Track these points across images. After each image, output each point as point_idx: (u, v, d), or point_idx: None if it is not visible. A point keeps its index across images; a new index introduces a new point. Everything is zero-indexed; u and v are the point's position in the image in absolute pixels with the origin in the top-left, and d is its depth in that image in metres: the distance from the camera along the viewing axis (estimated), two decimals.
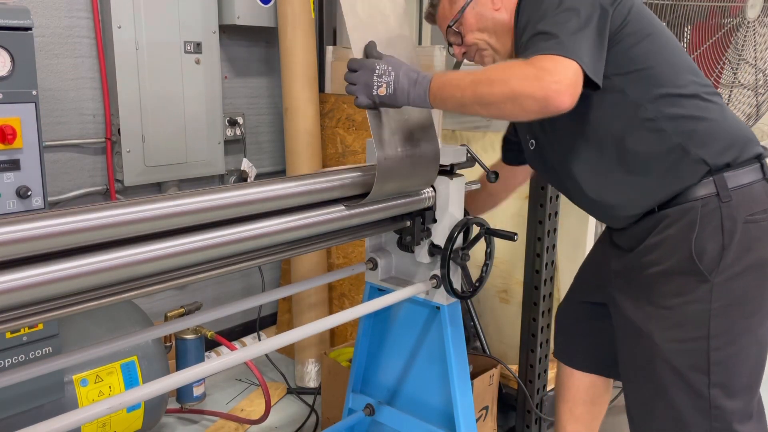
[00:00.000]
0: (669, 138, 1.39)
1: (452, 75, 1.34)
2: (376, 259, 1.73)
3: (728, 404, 1.41)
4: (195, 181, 2.92)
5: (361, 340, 1.90)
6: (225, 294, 3.22)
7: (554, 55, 1.23)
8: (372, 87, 1.36)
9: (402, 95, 1.36)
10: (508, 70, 1.25)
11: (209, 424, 2.63)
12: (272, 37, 3.14)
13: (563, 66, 1.22)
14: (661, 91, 1.39)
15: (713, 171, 1.38)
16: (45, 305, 1.02)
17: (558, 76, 1.20)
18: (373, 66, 1.37)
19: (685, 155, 1.39)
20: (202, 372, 1.24)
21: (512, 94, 1.23)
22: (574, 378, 1.84)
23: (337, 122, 2.89)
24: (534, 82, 1.21)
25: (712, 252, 1.38)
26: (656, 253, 1.44)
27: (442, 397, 1.75)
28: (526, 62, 1.24)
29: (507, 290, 2.61)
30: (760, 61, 2.37)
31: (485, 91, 1.26)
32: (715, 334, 1.39)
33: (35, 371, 1.27)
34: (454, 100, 1.32)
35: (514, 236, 1.62)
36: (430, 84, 1.34)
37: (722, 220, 1.37)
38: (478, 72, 1.29)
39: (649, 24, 1.43)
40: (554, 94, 1.20)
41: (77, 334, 2.10)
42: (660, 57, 1.41)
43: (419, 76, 1.35)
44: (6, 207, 1.75)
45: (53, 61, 2.44)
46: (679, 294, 1.42)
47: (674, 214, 1.41)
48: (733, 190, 1.38)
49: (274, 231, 1.30)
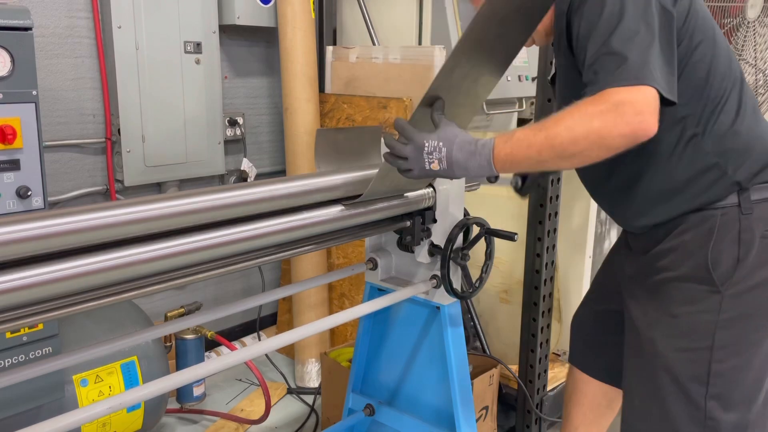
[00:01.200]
0: (707, 156, 1.35)
1: (519, 136, 1.23)
2: (376, 259, 1.73)
3: (723, 417, 1.39)
4: (195, 181, 2.92)
5: (361, 340, 1.90)
6: (225, 294, 3.22)
7: (628, 86, 1.15)
8: (424, 163, 1.30)
9: (459, 169, 1.28)
10: (585, 116, 1.16)
11: (209, 424, 2.63)
12: (272, 37, 3.14)
13: (642, 95, 1.15)
14: (708, 103, 1.35)
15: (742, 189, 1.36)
16: (45, 305, 1.02)
17: (638, 107, 1.14)
18: (422, 144, 1.29)
19: (723, 176, 1.35)
20: (202, 372, 1.24)
21: (598, 139, 1.15)
22: (589, 385, 1.82)
23: (337, 122, 2.89)
24: (617, 119, 1.13)
25: (727, 263, 1.35)
26: (670, 258, 1.42)
27: (442, 397, 1.75)
28: (600, 99, 1.16)
29: (507, 290, 2.61)
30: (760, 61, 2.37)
31: (566, 143, 1.17)
32: (719, 345, 1.37)
33: (35, 371, 1.26)
34: (530, 161, 1.23)
35: (514, 236, 1.62)
36: (494, 152, 1.25)
37: (740, 231, 1.35)
38: (548, 124, 1.20)
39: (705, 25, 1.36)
40: (639, 125, 1.14)
41: (77, 334, 2.10)
42: (712, 65, 1.35)
43: (477, 147, 1.26)
44: (6, 207, 1.75)
45: (53, 61, 2.44)
46: (688, 302, 1.40)
47: (692, 220, 1.38)
48: (755, 203, 1.36)
49: (274, 231, 1.30)
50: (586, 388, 1.83)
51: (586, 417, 1.85)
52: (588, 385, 1.82)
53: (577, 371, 1.85)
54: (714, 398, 1.39)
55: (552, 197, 2.20)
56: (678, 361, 1.41)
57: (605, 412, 1.84)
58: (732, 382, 1.40)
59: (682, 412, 1.41)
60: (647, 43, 1.19)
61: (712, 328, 1.37)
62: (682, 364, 1.41)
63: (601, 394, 1.82)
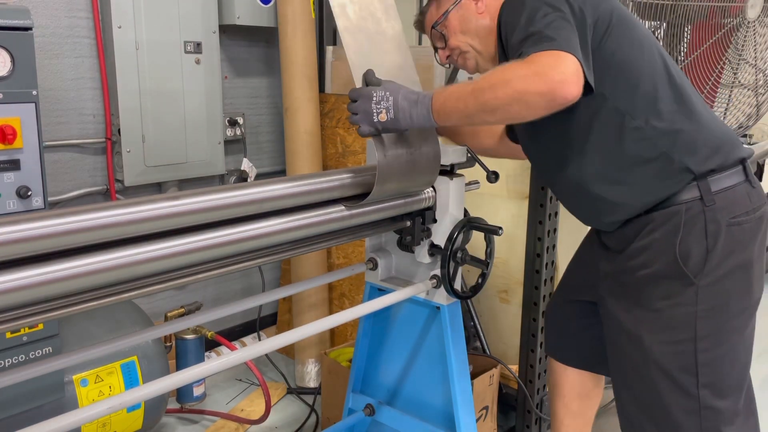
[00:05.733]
0: (654, 146, 1.40)
1: (452, 88, 1.33)
2: (376, 259, 1.73)
3: (718, 404, 1.43)
4: (195, 181, 2.92)
5: (361, 340, 1.90)
6: (225, 294, 3.21)
7: (552, 50, 1.22)
8: (372, 114, 1.36)
9: (404, 118, 1.35)
10: (508, 72, 1.24)
11: (209, 424, 2.63)
12: (272, 37, 3.13)
13: (563, 59, 1.21)
14: (643, 99, 1.40)
15: (698, 177, 1.40)
16: (45, 305, 1.02)
17: (560, 68, 1.20)
18: (370, 93, 1.37)
19: (670, 163, 1.40)
20: (202, 372, 1.24)
21: (517, 94, 1.22)
22: (567, 374, 1.86)
23: (337, 122, 2.89)
24: (537, 78, 1.20)
25: (697, 256, 1.39)
26: (643, 257, 1.46)
27: (442, 397, 1.75)
28: (524, 61, 1.24)
29: (507, 290, 2.61)
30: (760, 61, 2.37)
31: (488, 96, 1.25)
32: (701, 336, 1.41)
33: (35, 371, 1.27)
34: (459, 113, 1.31)
35: (499, 230, 1.61)
36: (432, 102, 1.33)
37: (706, 223, 1.39)
38: (478, 80, 1.28)
39: (629, 28, 1.43)
40: (559, 85, 1.19)
41: (77, 334, 2.10)
42: (639, 63, 1.41)
43: (419, 96, 1.35)
44: (6, 207, 1.75)
45: (53, 61, 2.44)
46: (666, 297, 1.43)
47: (659, 218, 1.43)
48: (716, 193, 1.40)
49: (274, 231, 1.30)
50: (565, 379, 1.87)
51: (569, 408, 1.89)
52: (566, 376, 1.87)
53: (554, 363, 1.90)
54: (706, 387, 1.42)
55: (552, 197, 2.20)
56: (665, 355, 1.44)
57: (587, 401, 1.89)
58: (720, 370, 1.43)
59: (677, 404, 1.44)
60: (567, 30, 1.27)
61: (693, 319, 1.41)
62: (669, 357, 1.44)
63: (579, 384, 1.86)
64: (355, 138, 2.82)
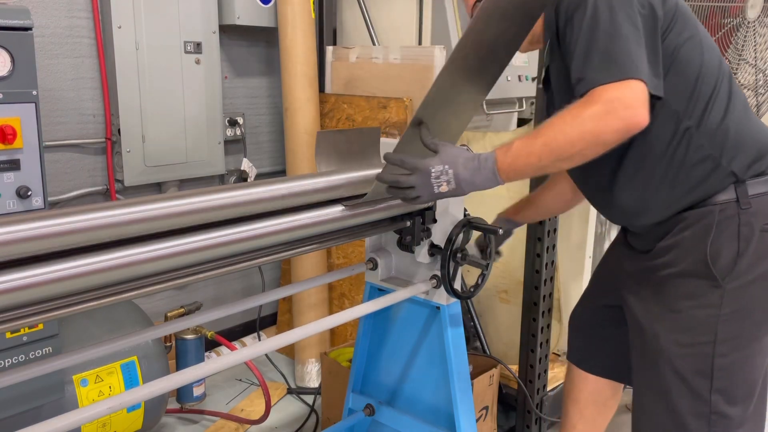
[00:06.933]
0: (702, 148, 1.37)
1: (518, 146, 1.28)
2: (376, 259, 1.73)
3: (728, 410, 1.40)
4: (195, 181, 2.92)
5: (361, 340, 1.90)
6: (225, 294, 3.22)
7: (617, 82, 1.20)
8: (432, 187, 1.33)
9: (467, 186, 1.32)
10: (577, 117, 1.21)
11: (209, 424, 2.63)
12: (272, 37, 3.14)
13: (629, 89, 1.19)
14: (698, 100, 1.37)
15: (739, 181, 1.37)
16: (45, 305, 1.02)
17: (628, 101, 1.18)
18: (428, 169, 1.32)
19: (717, 167, 1.37)
20: (202, 372, 1.24)
21: (592, 137, 1.20)
22: (586, 381, 1.83)
23: (337, 122, 2.89)
24: (609, 116, 1.18)
25: (727, 257, 1.37)
26: (670, 255, 1.43)
27: (442, 397, 1.75)
28: (590, 99, 1.21)
29: (507, 290, 2.61)
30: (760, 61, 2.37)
31: (563, 146, 1.22)
32: (721, 339, 1.38)
33: (35, 371, 1.26)
34: (531, 167, 1.29)
35: (498, 230, 1.61)
36: (497, 164, 1.30)
37: (739, 226, 1.36)
38: (543, 130, 1.25)
39: (691, 24, 1.39)
40: (631, 120, 1.18)
41: (77, 334, 2.10)
42: (699, 62, 1.37)
43: (480, 162, 1.31)
44: (6, 207, 1.75)
45: (53, 61, 2.44)
46: (690, 297, 1.41)
47: (692, 217, 1.40)
48: (753, 197, 1.37)
49: (274, 231, 1.30)
50: (584, 385, 1.84)
51: (584, 415, 1.86)
52: (585, 383, 1.84)
53: (574, 369, 1.86)
54: (718, 392, 1.40)
55: None
56: (681, 357, 1.42)
57: (602, 410, 1.85)
58: (735, 376, 1.41)
59: (687, 406, 1.42)
60: (632, 40, 1.24)
61: (715, 322, 1.38)
62: (685, 359, 1.42)
63: (597, 392, 1.83)
64: None
